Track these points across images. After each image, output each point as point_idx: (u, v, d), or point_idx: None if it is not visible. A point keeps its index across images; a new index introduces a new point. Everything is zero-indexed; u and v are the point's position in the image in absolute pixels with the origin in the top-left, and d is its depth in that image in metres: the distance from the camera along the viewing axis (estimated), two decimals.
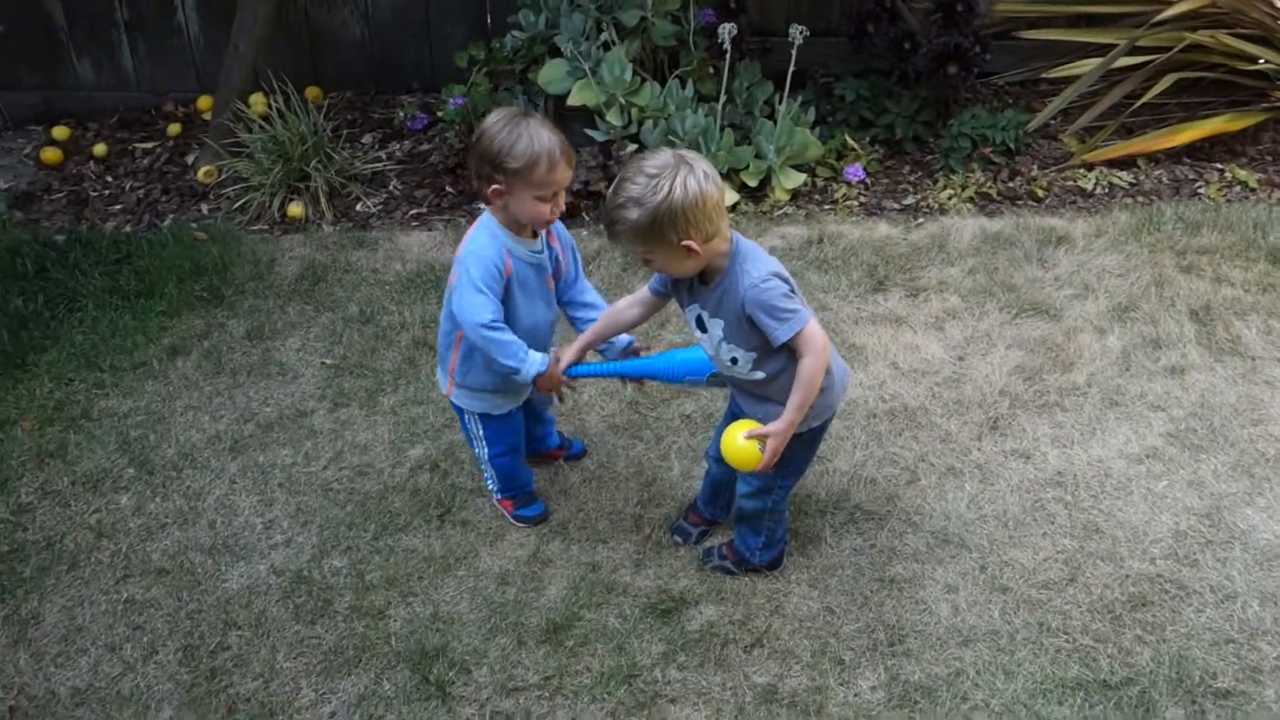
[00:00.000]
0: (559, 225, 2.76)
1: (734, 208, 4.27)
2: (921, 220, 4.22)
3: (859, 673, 2.65)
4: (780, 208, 4.31)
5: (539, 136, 2.51)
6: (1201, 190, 4.31)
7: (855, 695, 2.60)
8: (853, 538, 2.99)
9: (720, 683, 2.64)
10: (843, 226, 4.18)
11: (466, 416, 2.91)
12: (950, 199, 4.30)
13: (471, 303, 2.59)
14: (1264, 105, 4.60)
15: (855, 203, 4.33)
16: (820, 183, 4.44)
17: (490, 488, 3.07)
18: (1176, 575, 2.84)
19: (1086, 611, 2.76)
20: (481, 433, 2.92)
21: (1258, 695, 2.56)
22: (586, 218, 4.27)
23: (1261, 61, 4.58)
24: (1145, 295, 3.78)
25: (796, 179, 4.35)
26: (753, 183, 4.33)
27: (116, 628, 2.84)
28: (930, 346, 3.63)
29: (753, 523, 2.82)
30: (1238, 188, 4.31)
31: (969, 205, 4.27)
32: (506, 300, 2.66)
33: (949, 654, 2.69)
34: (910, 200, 4.35)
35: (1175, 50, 4.48)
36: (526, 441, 3.09)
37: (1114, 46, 4.47)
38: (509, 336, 2.63)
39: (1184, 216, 4.11)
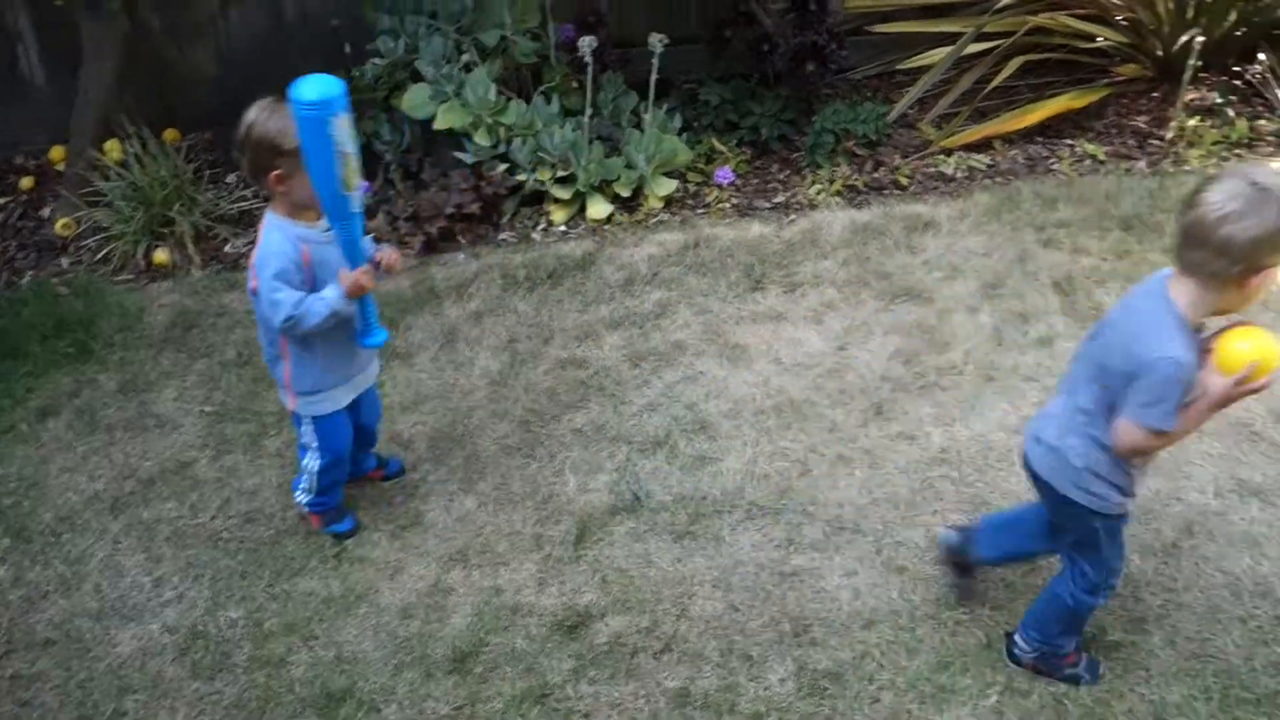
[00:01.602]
0: None
1: (608, 219, 4.29)
2: (793, 217, 4.30)
3: (768, 667, 2.68)
4: (655, 215, 4.34)
5: None
6: (1055, 166, 4.47)
7: (766, 690, 2.63)
8: (751, 534, 3.03)
9: (633, 692, 2.65)
10: (717, 229, 4.23)
11: (304, 426, 2.92)
12: (819, 194, 4.39)
13: (273, 303, 2.64)
14: (1105, 81, 4.80)
15: (728, 205, 4.39)
16: (692, 188, 4.49)
17: (301, 501, 3.07)
18: None
19: (980, 583, 2.84)
20: (316, 443, 2.93)
21: (1144, 644, 2.66)
22: (461, 240, 4.24)
23: (1100, 40, 4.79)
24: (1010, 272, 3.90)
25: (668, 186, 4.40)
26: (626, 193, 4.36)
27: (3, 705, 2.72)
28: (811, 339, 3.70)
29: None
30: (1088, 161, 4.49)
31: (837, 199, 4.37)
32: (315, 287, 2.70)
33: (853, 638, 2.74)
34: (781, 198, 4.43)
35: (1019, 34, 4.65)
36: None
37: (962, 34, 4.62)
38: (310, 305, 2.65)
39: (1040, 193, 4.27)
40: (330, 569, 3.01)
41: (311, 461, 2.97)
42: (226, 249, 4.36)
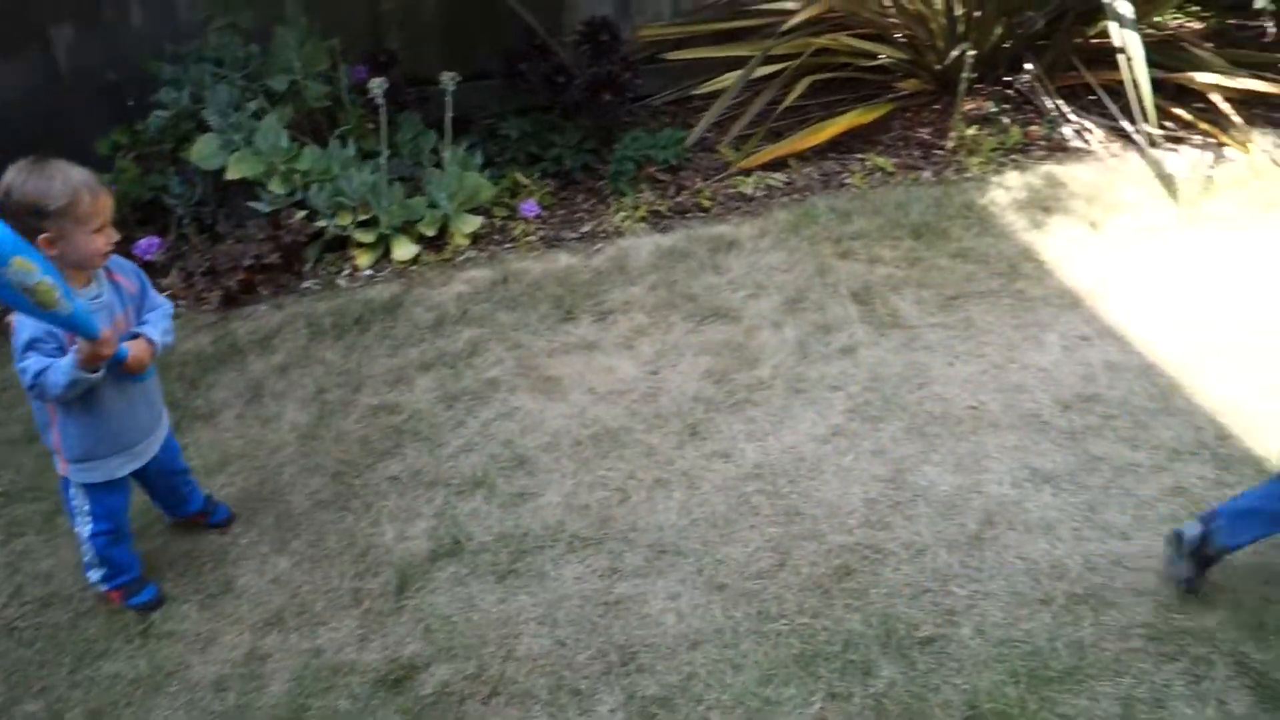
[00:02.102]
0: (115, 257, 2.70)
1: (415, 260, 4.24)
2: (600, 245, 4.33)
3: (597, 699, 2.68)
4: (462, 253, 4.31)
5: (70, 172, 2.50)
6: (848, 180, 4.64)
7: None
8: (574, 566, 3.02)
9: None
10: (525, 263, 4.23)
11: (72, 491, 2.81)
12: (624, 221, 4.44)
13: (20, 369, 2.57)
14: (889, 96, 5.02)
15: (535, 238, 4.39)
16: (498, 223, 4.48)
17: (93, 579, 2.93)
18: (873, 540, 3.03)
19: (799, 592, 2.90)
20: (87, 507, 2.82)
21: (956, 636, 2.76)
22: (263, 292, 4.12)
23: (881, 57, 5.00)
24: (811, 285, 4.02)
25: (473, 223, 4.37)
26: (431, 232, 4.32)
27: None
28: (624, 366, 3.73)
29: None
30: (878, 174, 4.67)
31: (643, 224, 4.42)
32: None
33: (680, 660, 2.75)
34: (587, 227, 4.46)
35: (805, 55, 4.81)
36: (169, 504, 3.07)
37: (752, 58, 4.75)
38: (49, 374, 2.54)
39: (835, 207, 4.42)
40: (136, 648, 2.86)
41: (82, 527, 2.84)
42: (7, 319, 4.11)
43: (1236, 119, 4.73)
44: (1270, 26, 5.48)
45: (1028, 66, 4.98)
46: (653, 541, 3.07)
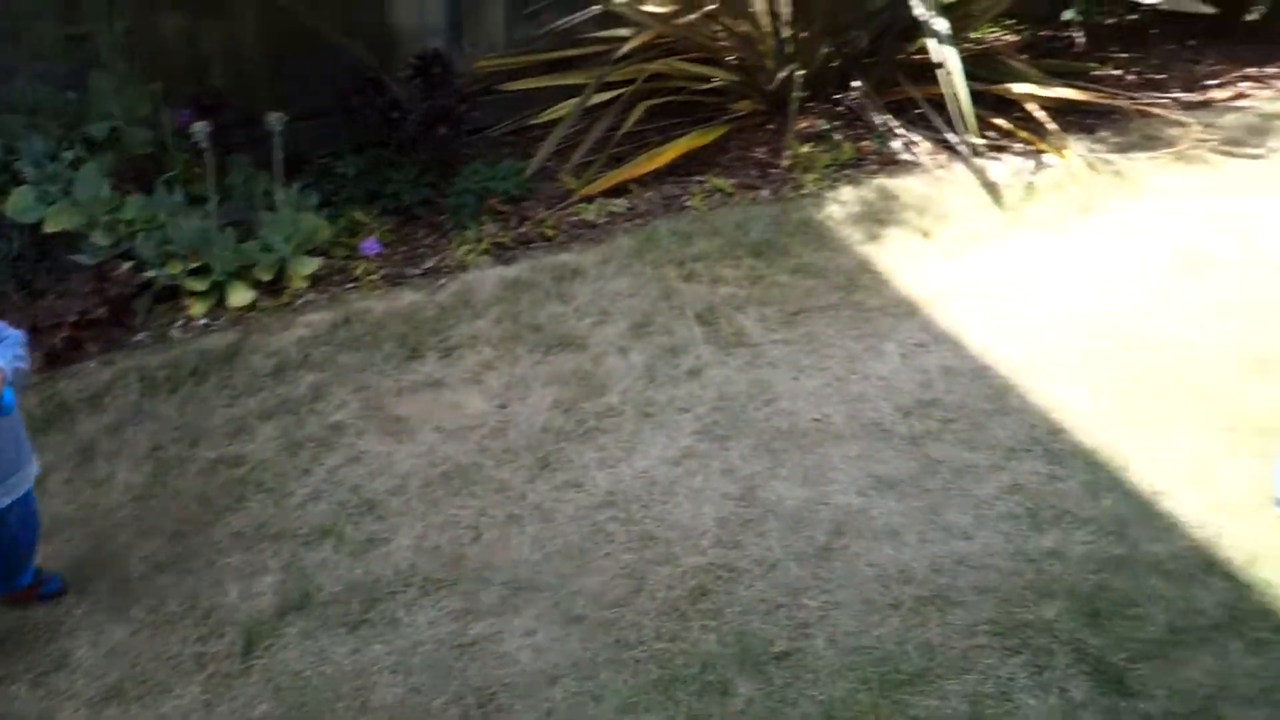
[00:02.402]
0: None
1: (252, 306, 4.12)
2: (444, 281, 4.28)
3: None
4: (301, 296, 4.21)
5: None
6: (688, 203, 4.69)
7: None
8: (427, 610, 2.97)
9: None
10: (368, 302, 4.16)
11: None
12: (468, 254, 4.40)
13: None
14: (725, 118, 5.09)
15: (377, 276, 4.32)
16: (338, 263, 4.38)
17: None
18: (726, 559, 3.06)
19: (656, 617, 2.91)
20: None
21: (810, 648, 2.81)
22: (90, 348, 3.95)
23: (715, 80, 5.08)
24: (656, 309, 4.05)
25: (312, 264, 4.28)
26: (268, 277, 4.21)
27: None
28: (472, 402, 3.69)
29: None
30: (717, 195, 4.73)
31: (486, 257, 4.39)
32: None
33: (539, 697, 2.73)
34: (430, 263, 4.41)
35: (640, 81, 4.85)
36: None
37: (587, 86, 4.78)
38: None
39: (677, 230, 4.46)
40: None
41: None
42: None
43: (1052, 126, 4.95)
44: (1079, 37, 5.75)
45: (855, 84, 5.12)
46: (507, 578, 3.04)
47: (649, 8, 4.95)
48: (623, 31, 4.98)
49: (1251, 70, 5.71)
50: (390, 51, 4.93)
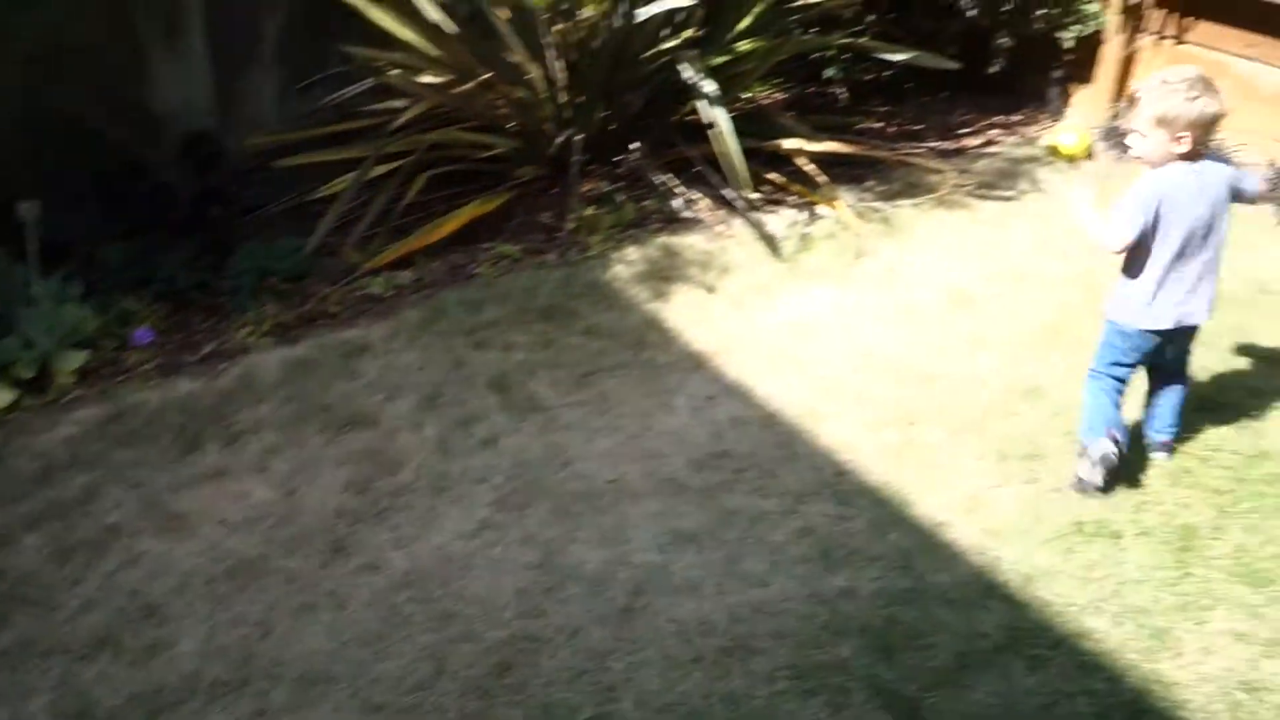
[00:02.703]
0: None
1: (13, 406, 3.86)
2: (224, 366, 4.12)
3: None
4: (68, 393, 3.97)
5: None
6: (476, 271, 4.68)
7: None
8: (216, 716, 2.81)
9: None
10: (142, 394, 3.96)
11: None
12: (248, 337, 4.25)
13: None
14: (509, 185, 5.12)
15: (151, 366, 4.12)
16: (109, 355, 4.16)
17: None
18: (528, 630, 3.01)
19: (459, 698, 2.83)
20: None
21: (617, 711, 2.79)
22: None
23: (496, 148, 5.10)
24: (448, 380, 4.00)
25: (78, 358, 4.04)
26: (30, 374, 3.95)
27: None
28: (259, 490, 3.55)
29: None
30: (505, 261, 4.74)
31: (269, 339, 4.25)
32: None
33: None
34: (208, 349, 4.24)
35: (420, 152, 4.83)
36: None
37: (365, 159, 4.72)
38: None
39: (466, 299, 4.44)
40: None
41: None
42: None
43: (823, 179, 5.18)
44: (842, 93, 6.06)
45: (634, 146, 5.23)
46: (300, 673, 2.91)
47: (425, 79, 4.94)
48: (399, 103, 4.95)
49: (999, 118, 6.13)
50: (158, 133, 4.76)
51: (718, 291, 4.55)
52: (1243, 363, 4.07)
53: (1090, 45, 5.82)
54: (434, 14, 4.76)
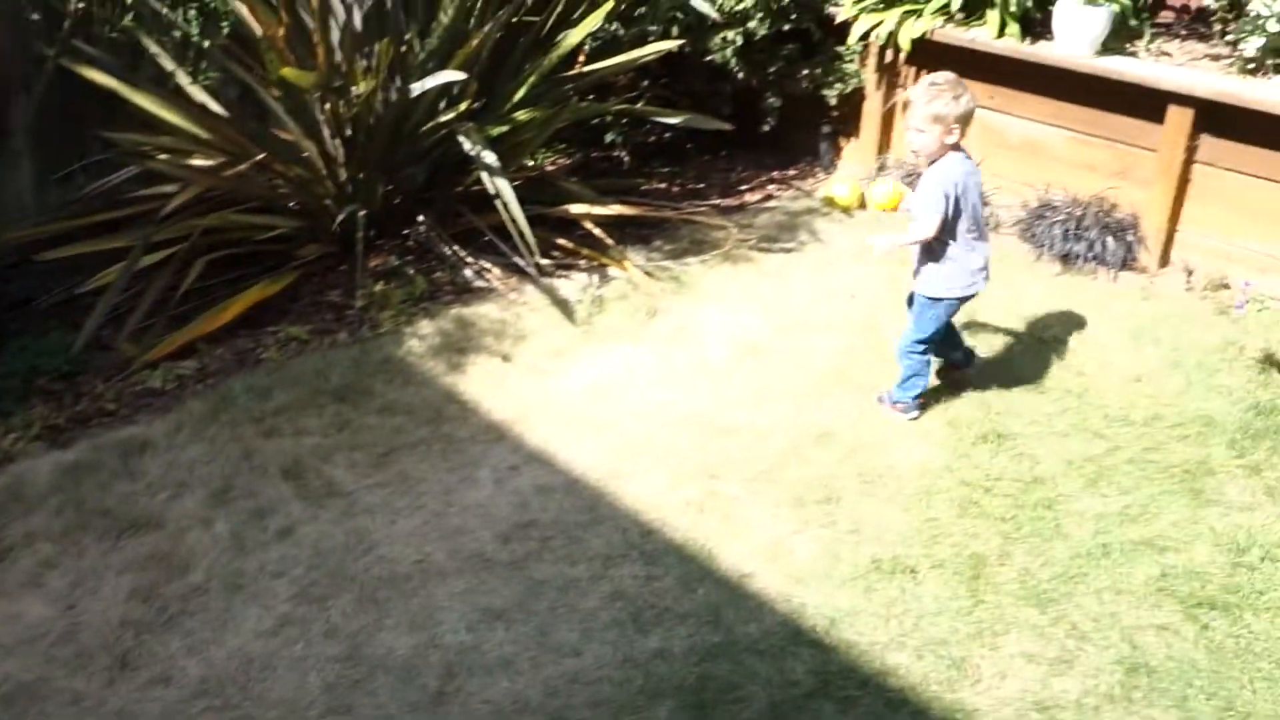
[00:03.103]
0: None
1: None
2: None
3: None
4: None
5: None
6: (264, 355, 4.52)
7: None
8: None
9: None
10: None
11: None
12: (15, 444, 3.97)
13: None
14: (295, 264, 4.99)
15: None
16: None
17: None
18: None
19: None
20: None
21: None
22: None
23: (279, 228, 4.97)
24: (238, 471, 3.85)
25: None
26: None
27: None
28: (34, 608, 3.30)
29: None
30: (294, 343, 4.60)
31: (38, 444, 3.99)
32: None
33: None
34: None
35: (195, 237, 4.66)
36: None
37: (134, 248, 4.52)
38: None
39: (254, 385, 4.28)
40: None
41: None
42: None
43: (611, 241, 5.26)
44: (625, 156, 6.18)
45: (421, 218, 5.20)
46: None
47: (195, 161, 4.78)
48: (170, 188, 4.77)
49: (776, 174, 6.38)
50: None
51: (514, 359, 4.55)
52: (1014, 395, 4.33)
53: (854, 101, 6.13)
54: (200, 95, 4.63)
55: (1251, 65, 5.04)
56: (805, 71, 6.03)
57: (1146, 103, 5.09)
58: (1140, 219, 5.28)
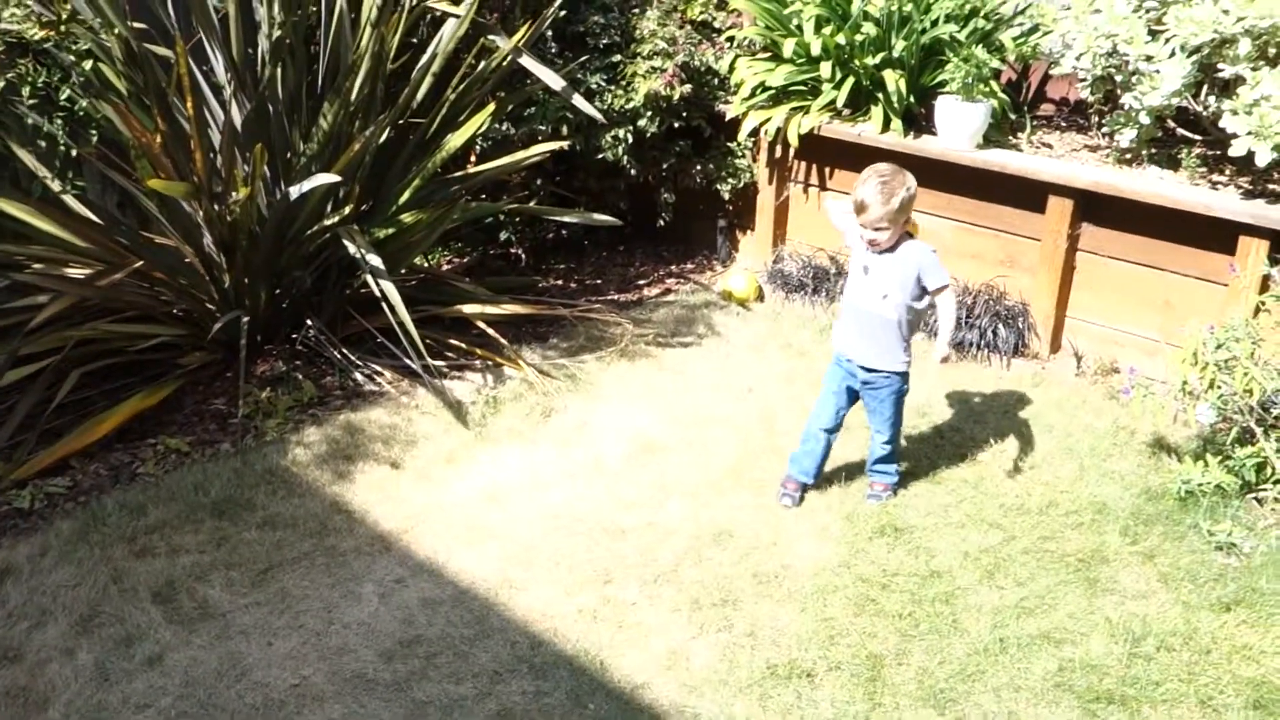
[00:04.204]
0: None
1: None
2: None
3: None
4: None
5: None
6: (140, 470, 4.34)
7: None
8: None
9: None
10: None
11: None
12: None
13: None
14: (177, 373, 4.83)
15: None
16: None
17: None
18: None
19: None
20: None
21: None
22: None
23: (159, 336, 4.81)
24: (106, 596, 3.64)
25: None
26: None
27: None
28: None
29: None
30: (174, 456, 4.43)
31: None
32: None
33: None
34: None
35: (68, 349, 4.48)
36: None
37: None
38: None
39: (127, 502, 4.09)
40: None
41: None
42: None
43: (505, 341, 5.19)
44: (521, 254, 6.16)
45: (309, 322, 5.08)
46: None
47: (71, 270, 4.62)
48: (43, 298, 4.60)
49: (674, 267, 6.41)
50: None
51: (404, 466, 4.42)
52: (910, 487, 4.31)
53: (748, 195, 6.20)
54: (72, 203, 4.50)
55: (1127, 156, 5.21)
56: (698, 167, 6.09)
57: (1029, 194, 5.22)
58: (1029, 306, 5.38)
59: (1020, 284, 5.41)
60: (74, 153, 4.72)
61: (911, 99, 5.55)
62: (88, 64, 4.75)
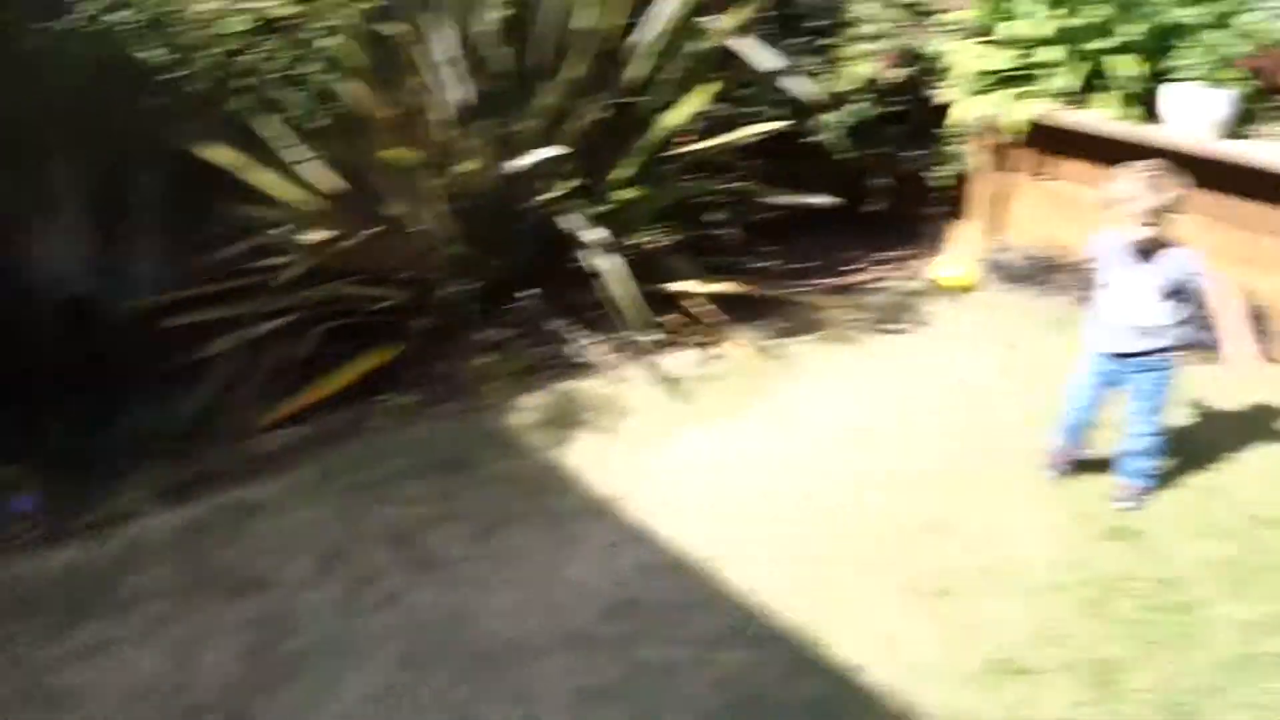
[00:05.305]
0: None
1: None
2: (111, 532, 3.94)
3: None
4: None
5: None
6: (373, 424, 4.60)
7: None
8: None
9: None
10: (21, 565, 3.79)
11: None
12: (136, 501, 4.09)
13: None
14: (405, 335, 5.07)
15: (33, 535, 3.93)
16: None
17: None
18: None
19: None
20: None
21: None
22: None
23: (390, 300, 5.07)
24: (346, 537, 3.89)
25: None
26: None
27: None
28: (148, 662, 3.38)
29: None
30: (402, 413, 4.67)
31: (157, 502, 4.09)
32: None
33: None
34: (94, 515, 4.05)
35: (311, 307, 4.77)
36: None
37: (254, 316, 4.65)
38: None
39: (362, 453, 4.37)
40: None
41: None
42: None
43: (718, 319, 5.26)
44: (732, 235, 6.19)
45: (529, 292, 5.26)
46: None
47: (313, 234, 4.91)
48: (286, 259, 4.91)
49: (884, 254, 6.33)
50: (36, 300, 4.63)
51: (618, 435, 4.55)
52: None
53: (963, 182, 6.08)
54: (312, 174, 4.78)
55: None
56: (911, 153, 6.01)
57: (1273, 188, 4.95)
58: (1271, 307, 5.10)
59: (1261, 284, 5.14)
60: (312, 125, 4.99)
61: (1144, 85, 5.33)
62: (328, 41, 5.03)
